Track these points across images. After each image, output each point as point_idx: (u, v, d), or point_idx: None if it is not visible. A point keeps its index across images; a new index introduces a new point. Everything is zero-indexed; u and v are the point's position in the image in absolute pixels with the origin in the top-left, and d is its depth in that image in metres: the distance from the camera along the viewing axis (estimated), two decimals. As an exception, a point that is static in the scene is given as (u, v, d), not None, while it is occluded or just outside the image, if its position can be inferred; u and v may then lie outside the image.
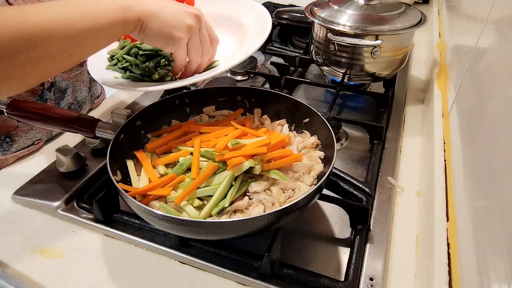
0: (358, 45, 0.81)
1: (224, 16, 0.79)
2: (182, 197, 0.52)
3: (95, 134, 0.63)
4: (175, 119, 0.71)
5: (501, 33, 0.51)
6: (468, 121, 0.56)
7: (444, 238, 0.49)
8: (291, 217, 0.51)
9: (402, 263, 0.55)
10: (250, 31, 0.73)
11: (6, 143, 0.72)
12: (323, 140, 0.64)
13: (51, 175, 0.68)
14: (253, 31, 0.73)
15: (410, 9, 0.87)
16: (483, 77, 0.54)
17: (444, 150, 0.64)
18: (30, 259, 0.56)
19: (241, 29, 0.76)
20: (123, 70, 0.70)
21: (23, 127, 0.73)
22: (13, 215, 0.63)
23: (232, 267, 0.53)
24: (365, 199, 0.62)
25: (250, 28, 0.74)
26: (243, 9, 0.78)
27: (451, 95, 0.72)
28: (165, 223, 0.47)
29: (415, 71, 1.10)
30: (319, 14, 0.86)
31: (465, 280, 0.40)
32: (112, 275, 0.53)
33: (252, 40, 0.70)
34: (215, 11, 0.78)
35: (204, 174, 0.55)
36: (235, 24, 0.77)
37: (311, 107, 0.66)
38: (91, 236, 0.59)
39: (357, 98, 0.96)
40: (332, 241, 0.59)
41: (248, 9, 0.78)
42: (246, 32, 0.74)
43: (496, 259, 0.34)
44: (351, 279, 0.50)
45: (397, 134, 0.80)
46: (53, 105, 0.73)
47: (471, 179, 0.47)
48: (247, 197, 0.55)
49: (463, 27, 0.83)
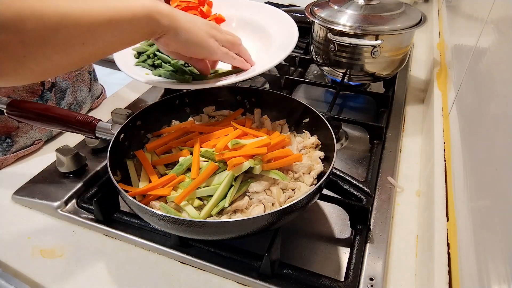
0: (358, 45, 0.81)
1: (251, 22, 0.84)
2: (182, 197, 0.52)
3: (95, 134, 0.63)
4: (175, 119, 0.71)
5: (501, 33, 0.51)
6: (468, 121, 0.56)
7: (444, 238, 0.49)
8: (291, 217, 0.51)
9: (402, 263, 0.55)
10: (277, 36, 0.78)
11: (6, 143, 0.72)
12: (323, 140, 0.64)
13: (51, 175, 0.68)
14: (280, 37, 0.76)
15: (410, 9, 0.87)
16: (483, 77, 0.54)
17: (444, 150, 0.64)
18: (30, 259, 0.56)
19: (266, 34, 0.80)
20: (153, 67, 0.70)
21: (24, 127, 0.73)
22: (13, 215, 0.63)
23: (232, 267, 0.53)
24: (365, 199, 0.62)
25: (276, 33, 0.78)
26: (271, 17, 0.83)
27: (451, 95, 0.72)
28: (165, 223, 0.47)
29: (415, 71, 1.10)
30: (319, 14, 0.86)
31: (465, 280, 0.40)
32: (112, 275, 0.53)
33: (282, 44, 0.74)
34: (244, 18, 0.85)
35: (204, 174, 0.55)
36: (261, 29, 0.82)
37: (311, 107, 0.66)
38: (91, 236, 0.59)
39: (357, 98, 0.96)
40: (332, 241, 0.59)
41: (274, 16, 0.82)
42: (271, 37, 0.79)
43: (496, 259, 0.34)
44: (351, 279, 0.50)
45: (397, 134, 0.80)
46: (53, 105, 0.73)
47: (471, 179, 0.47)
48: (247, 197, 0.55)
49: (463, 27, 0.83)
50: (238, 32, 0.75)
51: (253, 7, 0.87)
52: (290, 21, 0.80)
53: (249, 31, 0.82)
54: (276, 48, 0.74)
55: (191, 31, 0.56)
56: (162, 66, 0.70)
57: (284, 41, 0.74)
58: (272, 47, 0.76)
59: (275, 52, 0.73)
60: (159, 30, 0.53)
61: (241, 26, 0.84)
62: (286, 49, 0.71)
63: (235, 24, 0.85)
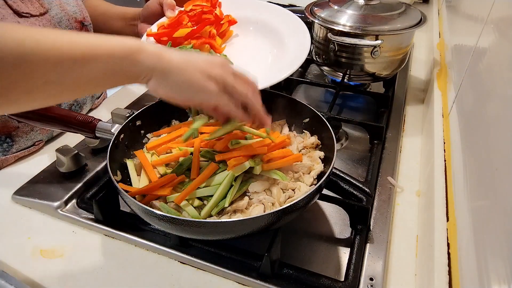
0: (358, 45, 0.81)
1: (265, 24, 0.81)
2: (182, 197, 0.52)
3: (95, 134, 0.63)
4: (175, 119, 0.71)
5: (501, 33, 0.51)
6: (468, 121, 0.56)
7: (444, 238, 0.49)
8: (291, 217, 0.51)
9: (402, 263, 0.55)
10: (291, 42, 0.76)
11: (6, 143, 0.72)
12: (323, 140, 0.64)
13: (51, 175, 0.68)
14: (294, 44, 0.75)
15: (410, 9, 0.87)
16: (483, 77, 0.54)
17: (444, 150, 0.64)
18: (30, 259, 0.56)
19: (279, 40, 0.78)
20: None
21: (24, 127, 0.73)
22: (13, 215, 0.63)
23: (232, 267, 0.53)
24: (365, 199, 0.62)
25: (289, 38, 0.76)
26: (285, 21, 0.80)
27: (451, 95, 0.72)
28: (165, 223, 0.47)
29: (415, 71, 1.10)
30: (319, 14, 0.86)
31: (465, 280, 0.40)
32: (112, 275, 0.53)
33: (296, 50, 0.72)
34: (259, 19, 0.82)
35: (204, 174, 0.55)
36: (274, 33, 0.79)
37: (311, 107, 0.66)
38: (91, 236, 0.59)
39: (357, 98, 0.96)
40: (332, 241, 0.59)
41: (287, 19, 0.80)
42: (284, 45, 0.76)
43: (496, 259, 0.34)
44: (351, 279, 0.50)
45: (397, 134, 0.80)
46: (53, 105, 0.73)
47: (471, 179, 0.47)
48: (247, 197, 0.55)
49: (463, 27, 0.83)
50: (250, 34, 0.74)
51: (263, 8, 0.83)
52: (304, 27, 0.76)
53: (262, 33, 0.80)
54: (289, 58, 0.73)
55: (183, 72, 0.46)
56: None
57: (297, 50, 0.73)
58: (285, 56, 0.74)
59: (287, 62, 0.72)
60: (143, 73, 0.44)
61: (251, 26, 0.82)
62: (298, 60, 0.70)
63: (246, 26, 0.82)
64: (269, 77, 0.68)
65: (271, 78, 0.67)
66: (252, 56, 0.77)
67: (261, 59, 0.76)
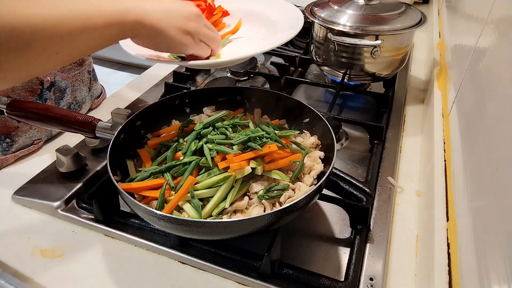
0: (358, 45, 0.81)
1: (256, 13, 0.82)
2: (180, 196, 0.52)
3: (95, 134, 0.63)
4: (175, 119, 0.71)
5: (501, 33, 0.51)
6: (468, 121, 0.56)
7: (444, 238, 0.49)
8: (291, 217, 0.51)
9: (402, 263, 0.55)
10: (283, 21, 0.76)
11: (6, 143, 0.72)
12: (323, 140, 0.64)
13: (51, 175, 0.68)
14: (285, 22, 0.74)
15: (410, 9, 0.87)
16: (483, 77, 0.54)
17: (444, 150, 0.64)
18: (30, 259, 0.56)
19: (270, 22, 0.78)
20: None
21: (23, 127, 0.73)
22: (13, 215, 0.63)
23: (232, 267, 0.53)
24: (365, 199, 0.62)
25: (281, 19, 0.77)
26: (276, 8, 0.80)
27: (451, 95, 0.72)
28: (165, 223, 0.47)
29: (415, 71, 1.10)
30: (319, 14, 0.86)
31: (465, 280, 0.40)
32: (112, 275, 0.53)
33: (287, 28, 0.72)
34: (246, 9, 0.82)
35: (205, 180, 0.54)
36: (266, 20, 0.80)
37: (311, 107, 0.66)
38: (91, 236, 0.59)
39: (357, 98, 0.96)
40: (332, 241, 0.59)
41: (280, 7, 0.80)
42: (276, 24, 0.77)
43: (496, 259, 0.34)
44: (351, 279, 0.50)
45: (397, 134, 0.80)
46: (53, 105, 0.73)
47: (471, 179, 0.47)
48: (247, 197, 0.55)
49: (463, 27, 0.83)
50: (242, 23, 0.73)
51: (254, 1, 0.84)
52: (293, 7, 0.78)
53: (252, 21, 0.81)
54: (284, 29, 0.72)
55: (164, 34, 0.54)
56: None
57: (292, 22, 0.72)
58: (279, 30, 0.74)
59: (284, 32, 0.71)
60: (130, 34, 0.52)
61: (242, 17, 0.82)
62: (295, 27, 0.69)
63: (238, 16, 0.83)
64: (266, 43, 0.67)
65: (271, 43, 0.66)
66: (247, 35, 0.78)
67: (255, 35, 0.76)
